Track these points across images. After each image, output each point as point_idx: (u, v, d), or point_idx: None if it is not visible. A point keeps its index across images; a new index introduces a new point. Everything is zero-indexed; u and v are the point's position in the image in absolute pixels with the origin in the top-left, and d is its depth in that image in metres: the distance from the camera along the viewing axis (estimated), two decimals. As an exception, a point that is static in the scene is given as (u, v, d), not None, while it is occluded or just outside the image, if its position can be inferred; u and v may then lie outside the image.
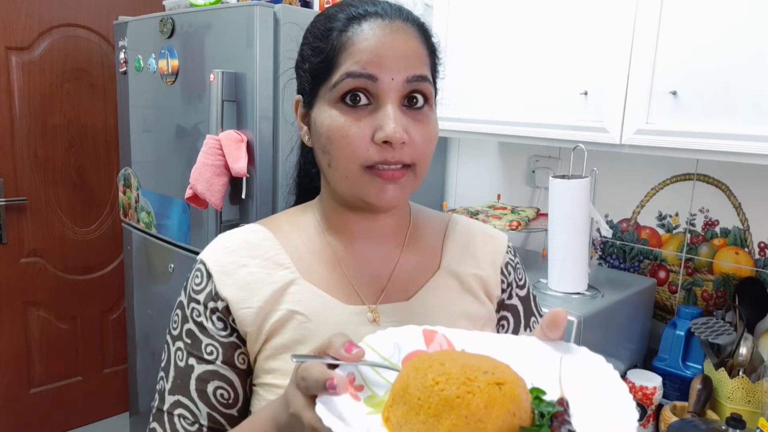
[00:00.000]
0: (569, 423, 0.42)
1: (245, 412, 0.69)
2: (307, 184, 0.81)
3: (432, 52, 0.68)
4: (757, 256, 1.40)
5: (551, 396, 0.47)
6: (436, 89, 0.68)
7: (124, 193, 2.21)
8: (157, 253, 2.02)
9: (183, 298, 0.70)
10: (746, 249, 1.42)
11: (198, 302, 0.68)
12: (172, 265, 1.94)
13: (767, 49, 1.04)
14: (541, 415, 0.44)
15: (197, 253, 0.74)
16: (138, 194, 2.11)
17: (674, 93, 1.15)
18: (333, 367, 0.48)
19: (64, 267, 2.54)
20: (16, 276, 2.40)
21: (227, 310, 0.66)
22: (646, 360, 1.50)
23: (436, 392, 0.43)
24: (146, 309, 2.17)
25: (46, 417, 2.57)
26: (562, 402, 0.45)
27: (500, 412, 0.42)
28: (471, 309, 0.74)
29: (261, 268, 0.68)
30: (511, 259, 0.81)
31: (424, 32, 0.67)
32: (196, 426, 0.66)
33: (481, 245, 0.79)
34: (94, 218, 2.61)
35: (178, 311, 0.70)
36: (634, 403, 0.44)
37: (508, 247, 0.81)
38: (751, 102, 1.06)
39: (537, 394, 0.46)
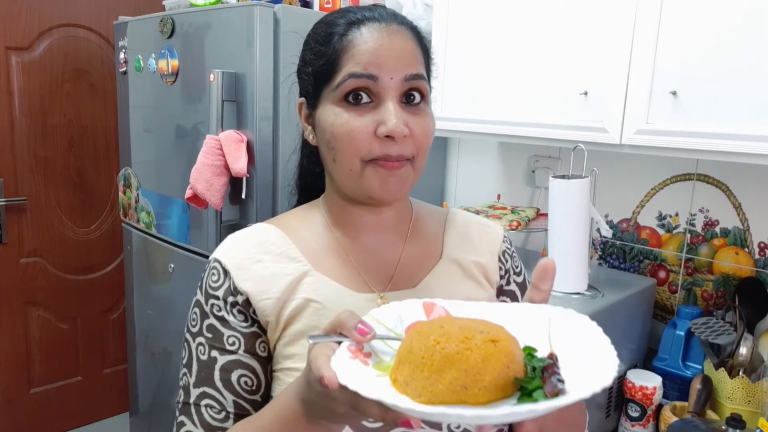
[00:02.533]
0: (558, 373, 0.46)
1: (268, 397, 0.72)
2: (310, 183, 0.85)
3: (426, 53, 0.73)
4: (757, 256, 1.40)
5: (542, 354, 0.51)
6: (430, 87, 0.73)
7: (124, 193, 2.21)
8: (157, 253, 2.02)
9: (200, 296, 0.73)
10: (746, 249, 1.42)
11: (217, 298, 0.71)
12: (172, 265, 1.94)
13: (767, 49, 1.04)
14: (533, 369, 0.48)
15: (197, 253, 0.75)
16: (138, 194, 2.11)
17: (674, 93, 1.15)
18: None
19: (64, 267, 2.54)
20: (16, 276, 2.40)
21: (247, 302, 0.70)
22: (646, 360, 1.50)
23: (438, 350, 0.47)
24: (146, 309, 2.17)
25: (46, 417, 2.57)
26: (552, 356, 0.49)
27: (496, 364, 0.46)
28: (473, 293, 0.78)
29: (274, 262, 0.71)
30: (507, 247, 0.86)
31: (417, 35, 0.72)
32: (223, 413, 0.69)
33: (479, 235, 0.84)
34: (94, 218, 2.61)
35: (196, 309, 0.73)
36: (615, 352, 0.47)
37: (504, 236, 0.86)
38: (750, 102, 1.06)
39: (529, 351, 0.51)
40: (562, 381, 0.45)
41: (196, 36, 1.72)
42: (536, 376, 0.47)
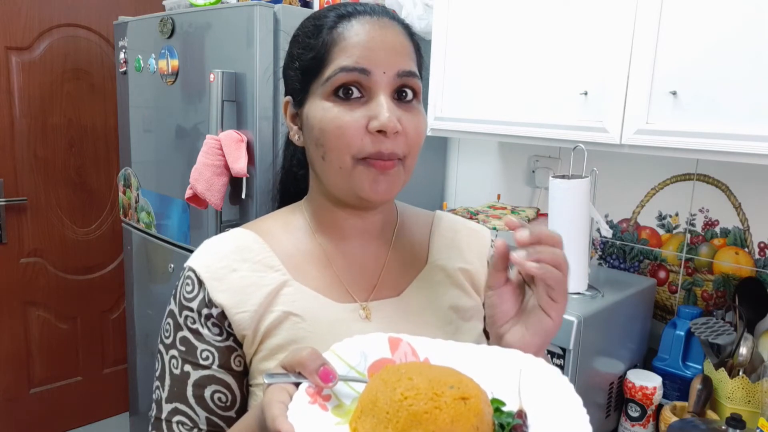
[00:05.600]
0: None
1: (243, 413, 0.69)
2: (292, 187, 0.82)
3: (417, 49, 0.70)
4: (757, 256, 1.40)
5: (510, 406, 0.49)
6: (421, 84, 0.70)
7: (124, 193, 2.21)
8: (157, 253, 2.02)
9: (173, 306, 0.70)
10: (746, 249, 1.42)
11: (191, 310, 0.67)
12: (172, 265, 1.94)
13: (767, 49, 1.04)
14: (501, 426, 0.46)
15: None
16: (138, 194, 2.11)
17: (674, 93, 1.15)
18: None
19: (64, 267, 2.54)
20: (16, 276, 2.40)
21: (222, 315, 0.66)
22: (646, 360, 1.50)
23: (405, 407, 0.44)
24: (146, 309, 2.17)
25: (46, 417, 2.57)
26: (521, 414, 0.47)
27: (465, 426, 0.44)
28: (459, 302, 0.76)
29: (252, 271, 0.68)
30: None
31: (409, 31, 0.69)
32: (195, 431, 0.67)
33: (466, 240, 0.81)
34: (94, 218, 2.61)
35: (170, 320, 0.70)
36: (587, 417, 0.45)
37: (493, 240, 0.83)
38: (750, 102, 1.06)
39: (497, 405, 0.48)
40: None
41: (196, 36, 1.73)
42: None
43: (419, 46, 0.71)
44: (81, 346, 2.64)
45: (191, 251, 0.73)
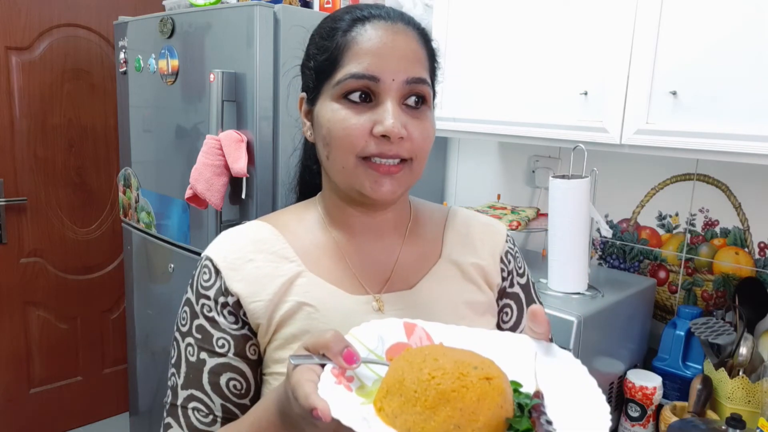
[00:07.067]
0: (545, 414, 0.46)
1: (257, 401, 0.70)
2: (309, 180, 0.83)
3: (431, 55, 0.71)
4: (757, 256, 1.40)
5: (526, 388, 0.51)
6: (434, 92, 0.71)
7: (124, 193, 2.21)
8: (157, 253, 2.02)
9: (190, 295, 0.71)
10: (746, 249, 1.42)
11: (208, 298, 0.69)
12: (172, 265, 1.94)
13: (767, 49, 1.04)
14: (519, 406, 0.47)
15: (197, 253, 0.74)
16: (138, 194, 2.11)
17: (674, 93, 1.15)
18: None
19: (64, 267, 2.54)
20: (16, 276, 2.40)
21: (238, 304, 0.68)
22: (646, 360, 1.50)
23: (433, 386, 0.45)
24: (146, 309, 2.17)
25: (46, 417, 2.57)
26: (538, 394, 0.49)
27: (491, 405, 0.45)
28: (472, 297, 0.77)
29: (268, 262, 0.70)
30: (510, 248, 0.84)
31: (424, 36, 0.70)
32: (210, 417, 0.68)
33: (480, 235, 0.81)
34: (94, 218, 2.61)
35: (186, 308, 0.71)
36: (604, 397, 0.47)
37: (507, 236, 0.84)
38: (750, 102, 1.06)
39: (515, 386, 0.50)
40: (550, 422, 0.45)
41: (196, 36, 1.72)
42: (524, 415, 0.46)
43: (434, 52, 0.72)
44: (81, 346, 2.64)
45: (191, 251, 0.74)
